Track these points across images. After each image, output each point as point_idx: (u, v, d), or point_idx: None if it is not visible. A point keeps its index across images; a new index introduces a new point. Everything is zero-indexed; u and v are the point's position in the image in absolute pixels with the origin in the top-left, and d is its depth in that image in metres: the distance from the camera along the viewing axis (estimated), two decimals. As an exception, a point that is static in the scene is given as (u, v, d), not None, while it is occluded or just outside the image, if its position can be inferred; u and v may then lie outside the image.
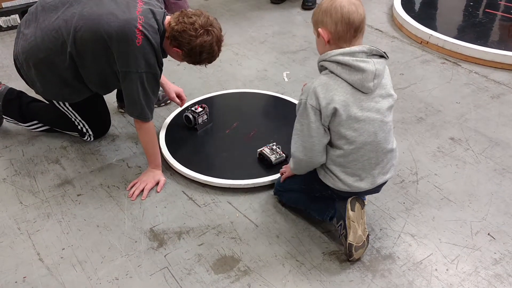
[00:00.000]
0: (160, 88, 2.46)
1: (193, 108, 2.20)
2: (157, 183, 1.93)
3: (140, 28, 1.72)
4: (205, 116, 2.21)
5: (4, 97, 2.15)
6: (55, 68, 1.85)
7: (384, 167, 1.57)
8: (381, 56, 1.47)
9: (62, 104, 2.04)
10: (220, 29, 1.84)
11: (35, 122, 2.18)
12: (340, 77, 1.44)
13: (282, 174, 1.81)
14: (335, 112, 1.44)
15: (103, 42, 1.74)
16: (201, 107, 2.20)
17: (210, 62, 1.89)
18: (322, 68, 1.50)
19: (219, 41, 1.83)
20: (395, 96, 1.55)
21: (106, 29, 1.72)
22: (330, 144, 1.53)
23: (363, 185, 1.56)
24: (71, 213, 1.82)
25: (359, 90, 1.44)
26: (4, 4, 3.21)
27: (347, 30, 1.42)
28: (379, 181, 1.58)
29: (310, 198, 1.73)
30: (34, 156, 2.11)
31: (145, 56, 1.75)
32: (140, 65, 1.75)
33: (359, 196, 1.59)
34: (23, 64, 1.91)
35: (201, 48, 1.78)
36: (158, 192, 1.91)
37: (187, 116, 2.19)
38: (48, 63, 1.85)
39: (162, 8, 1.86)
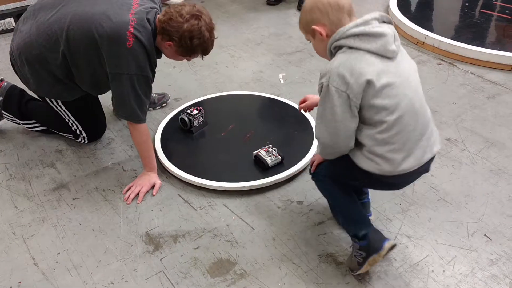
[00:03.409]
0: (156, 92, 2.47)
1: (188, 111, 2.19)
2: (153, 186, 1.92)
3: (132, 30, 1.72)
4: (201, 119, 2.21)
5: (7, 92, 2.16)
6: (48, 65, 1.86)
7: (429, 139, 1.45)
8: (389, 23, 1.41)
9: (55, 102, 2.03)
10: (210, 18, 1.83)
11: (33, 121, 2.18)
12: (361, 49, 1.35)
13: (312, 162, 1.65)
14: (368, 84, 1.32)
15: (94, 43, 1.74)
16: (197, 109, 2.20)
17: (204, 51, 1.86)
18: (336, 50, 1.40)
19: (209, 27, 1.81)
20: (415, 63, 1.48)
21: (98, 29, 1.73)
22: (370, 123, 1.39)
23: (411, 161, 1.41)
24: (66, 217, 1.81)
25: (384, 56, 1.36)
26: (-1, 7, 3.21)
27: (341, 16, 1.38)
28: (427, 155, 1.44)
29: (347, 202, 1.59)
30: (29, 160, 2.11)
31: (136, 58, 1.75)
32: (131, 67, 1.75)
33: (395, 244, 1.50)
34: (17, 60, 1.92)
35: (190, 34, 1.76)
36: (153, 195, 1.90)
37: (182, 119, 2.18)
38: (41, 60, 1.85)
39: (156, 8, 1.86)
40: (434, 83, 2.66)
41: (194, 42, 1.79)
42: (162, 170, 2.03)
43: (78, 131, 2.12)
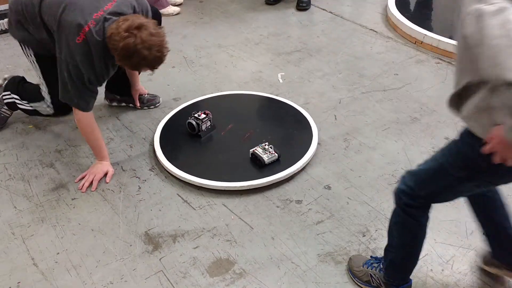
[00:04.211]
0: (150, 93, 2.48)
1: (196, 115, 2.16)
2: (106, 174, 1.97)
3: (87, 30, 1.74)
4: (209, 123, 2.18)
5: (12, 77, 2.23)
6: (25, 20, 1.91)
7: None
8: None
9: (29, 51, 2.04)
10: (151, 32, 1.73)
11: (25, 101, 2.20)
12: None
13: (489, 145, 1.08)
14: None
15: (54, 23, 1.79)
16: (204, 113, 2.17)
17: (150, 66, 1.81)
18: None
19: (147, 44, 1.71)
20: None
21: (62, 14, 1.76)
22: None
23: None
24: (65, 217, 1.81)
25: None
26: (-3, 8, 3.21)
27: None
28: None
29: (418, 253, 1.39)
30: (29, 160, 2.11)
31: (80, 55, 1.77)
32: (73, 59, 1.78)
33: None
34: (9, 10, 1.99)
35: (127, 52, 1.72)
36: (107, 182, 1.95)
37: (190, 123, 2.15)
38: (20, 15, 1.91)
39: (122, 15, 1.81)
40: (433, 82, 2.66)
41: (133, 60, 1.75)
42: (161, 169, 2.03)
43: (45, 94, 2.09)
